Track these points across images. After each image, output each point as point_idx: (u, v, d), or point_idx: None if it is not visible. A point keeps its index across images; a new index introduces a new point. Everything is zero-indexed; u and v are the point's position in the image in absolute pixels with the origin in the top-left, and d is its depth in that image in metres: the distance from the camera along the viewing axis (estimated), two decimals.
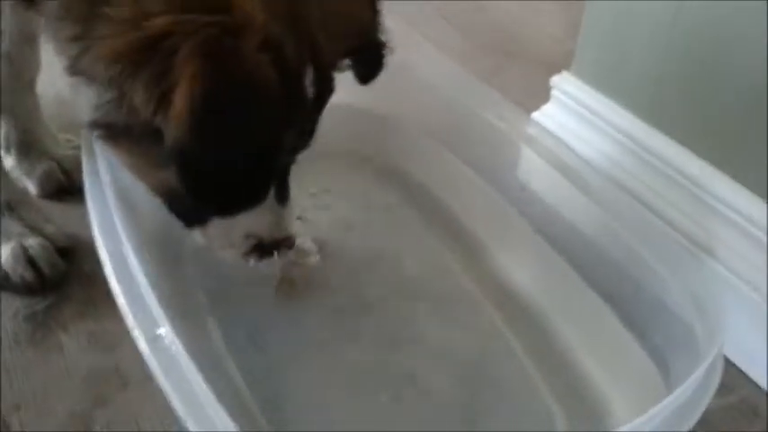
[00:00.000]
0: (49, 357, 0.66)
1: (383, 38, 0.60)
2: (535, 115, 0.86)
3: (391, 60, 0.83)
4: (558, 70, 1.16)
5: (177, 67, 0.44)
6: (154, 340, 0.44)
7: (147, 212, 0.69)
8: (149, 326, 0.45)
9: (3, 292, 0.71)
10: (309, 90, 0.51)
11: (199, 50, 0.44)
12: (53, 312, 0.70)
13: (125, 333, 0.66)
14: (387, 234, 0.76)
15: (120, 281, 0.49)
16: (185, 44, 0.44)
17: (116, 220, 0.54)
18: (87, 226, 0.79)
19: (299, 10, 0.50)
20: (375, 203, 0.80)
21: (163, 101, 0.45)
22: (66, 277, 0.74)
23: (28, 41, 0.76)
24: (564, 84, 0.83)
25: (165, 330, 0.45)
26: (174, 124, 0.44)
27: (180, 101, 0.44)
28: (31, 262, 0.72)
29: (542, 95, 1.08)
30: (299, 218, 0.74)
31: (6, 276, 0.71)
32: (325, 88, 0.54)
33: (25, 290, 0.72)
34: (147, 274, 0.49)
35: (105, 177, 0.59)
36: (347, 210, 0.79)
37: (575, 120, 0.81)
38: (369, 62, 0.61)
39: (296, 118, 0.51)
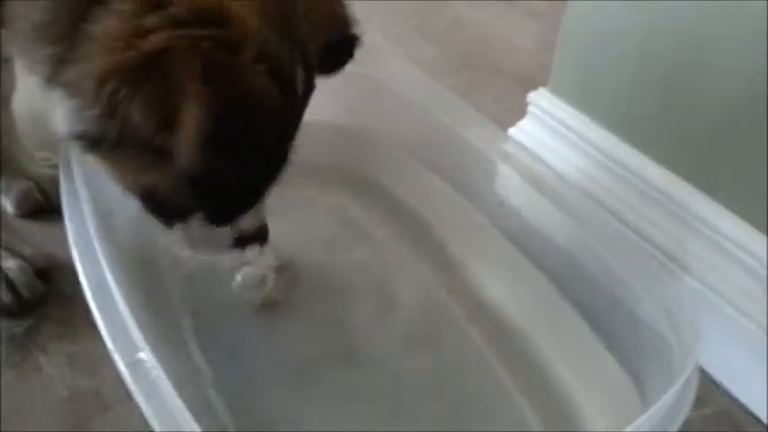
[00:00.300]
0: (28, 379, 0.66)
1: (354, 30, 0.60)
2: (512, 131, 0.87)
3: (368, 75, 0.85)
4: (532, 84, 1.18)
5: (180, 86, 0.44)
6: (134, 365, 0.45)
7: (125, 232, 0.69)
8: (130, 350, 0.46)
9: None
10: (299, 91, 0.52)
11: (201, 68, 0.44)
12: (32, 334, 0.70)
13: (105, 355, 0.66)
14: (364, 251, 0.76)
15: (99, 306, 0.49)
16: (185, 61, 0.44)
17: (95, 242, 0.54)
18: (65, 246, 0.79)
19: (287, 8, 0.50)
20: (353, 219, 0.81)
21: (168, 121, 0.45)
22: (44, 298, 0.73)
23: (2, 61, 0.76)
24: (540, 100, 0.84)
25: (145, 354, 0.45)
26: (185, 145, 0.44)
27: (190, 122, 0.44)
28: (9, 284, 0.71)
29: (517, 110, 1.09)
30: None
31: None
32: (310, 88, 0.54)
33: (4, 312, 0.71)
34: (127, 298, 0.49)
35: (84, 196, 0.59)
36: (325, 226, 0.79)
37: (551, 135, 0.82)
38: (340, 54, 0.61)
39: (295, 124, 0.52)
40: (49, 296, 0.74)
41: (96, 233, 0.55)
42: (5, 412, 0.63)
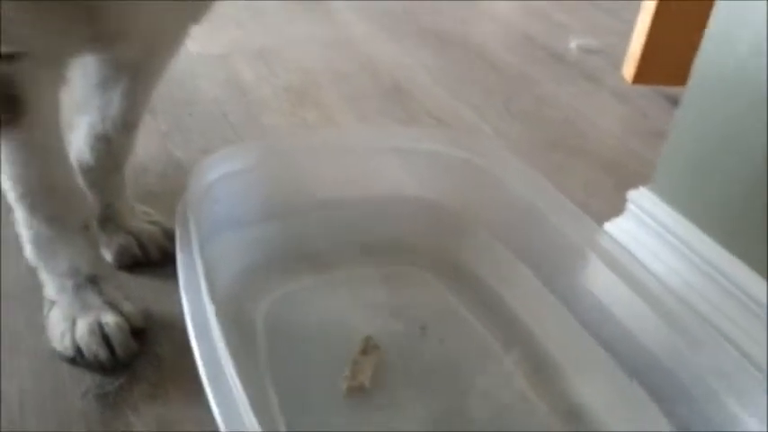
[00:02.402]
0: None
1: None
2: (608, 227, 0.86)
3: (466, 159, 0.86)
4: (620, 170, 1.18)
5: None
6: None
7: (223, 293, 0.70)
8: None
9: (72, 370, 0.72)
10: None
11: None
12: (124, 393, 0.71)
13: (196, 421, 0.67)
14: (458, 341, 0.76)
15: (214, 389, 0.49)
16: None
17: (211, 319, 0.54)
18: (160, 303, 0.81)
19: None
20: (447, 306, 0.80)
21: None
22: (136, 357, 0.74)
23: (128, 127, 0.79)
24: (642, 200, 0.83)
25: None
26: None
27: None
28: (105, 340, 0.73)
29: (602, 195, 1.09)
30: (421, 328, 0.75)
31: (80, 352, 0.72)
32: None
33: (97, 368, 0.72)
34: (239, 379, 0.49)
35: (200, 269, 0.60)
36: (419, 311, 0.79)
37: (651, 237, 0.81)
38: None
39: None
40: (141, 355, 0.75)
41: (210, 309, 0.55)
42: None
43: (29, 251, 0.75)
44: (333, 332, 0.77)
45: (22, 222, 0.74)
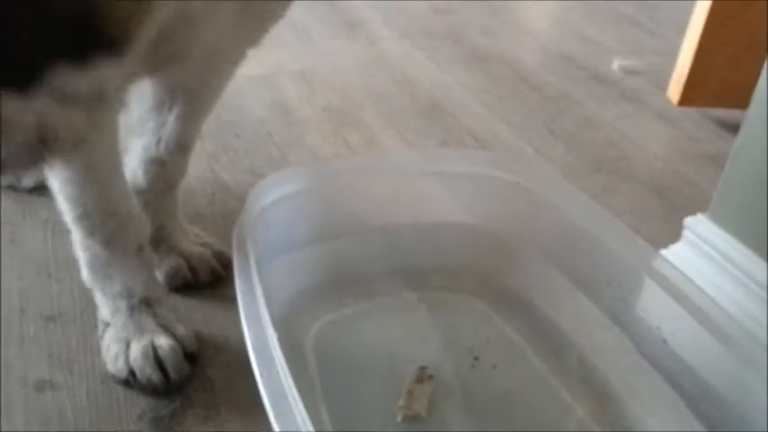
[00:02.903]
0: None
1: None
2: (664, 254, 0.84)
3: (509, 178, 0.85)
4: (668, 194, 1.16)
5: None
6: None
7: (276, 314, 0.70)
8: None
9: (127, 392, 0.73)
10: None
11: None
12: (178, 417, 0.71)
13: None
14: (511, 369, 0.75)
15: (279, 419, 0.49)
16: None
17: (273, 348, 0.54)
18: (209, 326, 0.81)
19: None
20: (498, 334, 0.79)
21: None
22: (188, 381, 0.74)
23: (182, 150, 0.80)
24: (699, 227, 0.82)
25: None
26: None
27: None
28: (159, 363, 0.73)
29: (652, 220, 1.07)
30: (474, 357, 0.74)
31: (133, 374, 0.73)
32: None
33: (150, 391, 0.73)
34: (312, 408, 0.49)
35: (260, 295, 0.60)
36: (470, 339, 0.78)
37: (708, 265, 0.79)
38: None
39: None
40: (193, 378, 0.75)
41: (273, 337, 0.55)
42: None
43: (84, 272, 0.75)
44: (384, 360, 0.76)
45: (79, 244, 0.74)
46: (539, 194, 0.83)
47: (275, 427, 0.49)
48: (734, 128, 1.36)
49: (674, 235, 0.91)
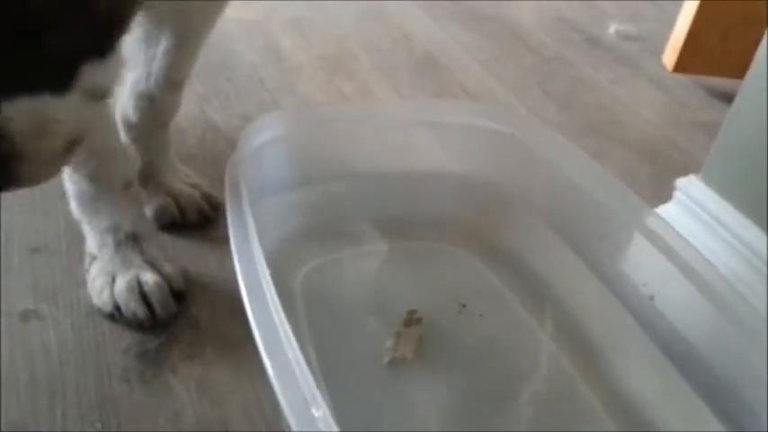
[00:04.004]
0: (158, 400, 0.66)
1: None
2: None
3: (503, 129, 0.84)
4: (659, 159, 1.17)
5: None
6: (310, 422, 0.44)
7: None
8: (304, 407, 0.45)
9: (112, 326, 0.72)
10: None
11: None
12: (163, 352, 0.70)
13: (235, 384, 0.67)
14: (498, 319, 0.75)
15: (273, 360, 0.49)
16: None
17: (266, 289, 0.54)
18: (196, 266, 0.81)
19: None
20: (486, 284, 0.79)
21: None
22: (174, 318, 0.74)
23: (172, 85, 0.78)
24: (690, 188, 0.82)
25: (320, 413, 0.44)
26: None
27: None
28: (144, 298, 0.72)
29: (641, 182, 1.08)
30: (461, 304, 0.74)
31: (118, 308, 0.72)
32: None
33: (136, 325, 0.72)
34: (300, 350, 0.49)
35: (252, 229, 0.59)
36: (457, 285, 0.78)
37: (698, 227, 0.80)
38: None
39: None
40: (179, 315, 0.75)
41: (263, 276, 0.55)
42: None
43: (72, 205, 0.74)
44: (371, 304, 0.76)
45: (67, 177, 0.73)
46: (532, 147, 0.82)
47: (266, 361, 0.49)
48: (725, 97, 1.36)
49: (663, 199, 0.92)
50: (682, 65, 1.36)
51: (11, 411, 0.62)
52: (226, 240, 0.60)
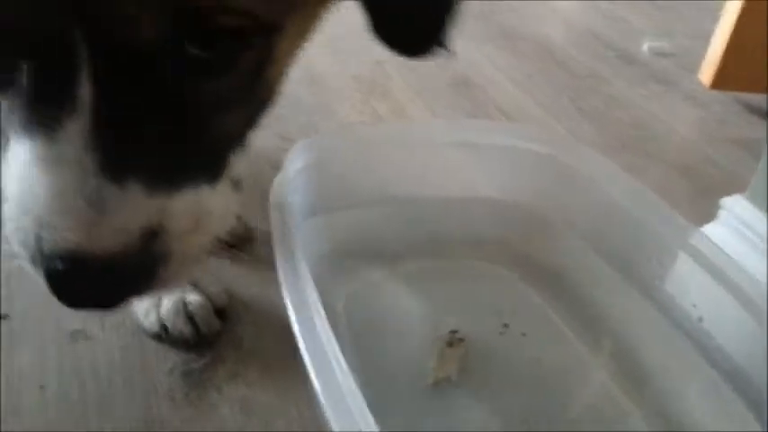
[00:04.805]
0: (203, 419, 0.66)
1: None
2: None
3: (543, 150, 0.84)
4: (696, 177, 1.16)
5: None
6: None
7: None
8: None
9: (158, 346, 0.73)
10: None
11: None
12: (208, 373, 0.71)
13: (279, 404, 0.68)
14: (541, 339, 0.75)
15: (322, 382, 0.49)
16: None
17: (312, 308, 0.54)
18: (238, 285, 0.82)
19: None
20: (527, 303, 0.79)
21: None
22: (218, 337, 0.75)
23: None
24: (736, 207, 0.81)
25: None
26: None
27: None
28: (190, 319, 0.73)
29: (680, 201, 1.07)
30: (504, 324, 0.74)
31: (165, 329, 0.73)
32: None
33: (182, 344, 0.73)
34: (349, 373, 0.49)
35: (299, 252, 0.60)
36: (499, 307, 0.78)
37: (744, 245, 0.79)
38: None
39: None
40: (223, 334, 0.75)
41: (314, 297, 0.55)
42: None
43: None
44: (413, 324, 0.76)
45: None
46: (573, 168, 0.82)
47: (316, 384, 0.49)
48: (763, 113, 1.35)
49: (700, 216, 0.91)
50: (720, 81, 1.35)
51: (62, 429, 0.63)
52: (265, 260, 0.61)
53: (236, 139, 0.43)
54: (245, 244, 0.87)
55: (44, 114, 0.35)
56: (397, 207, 0.86)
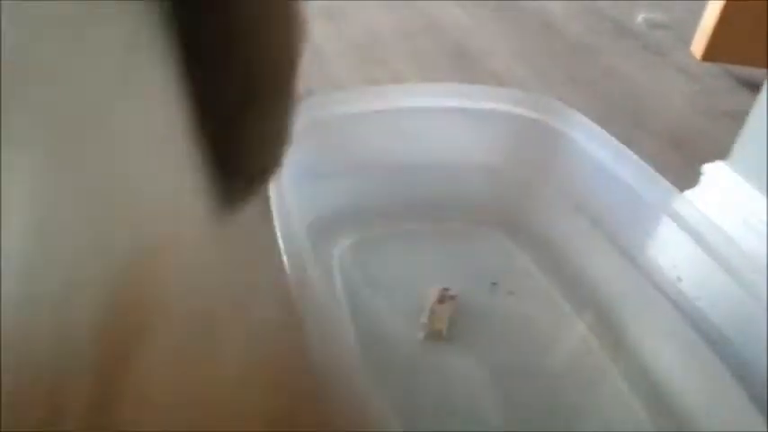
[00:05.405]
0: None
1: None
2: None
3: (531, 115, 0.86)
4: (686, 148, 1.18)
5: None
6: None
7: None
8: None
9: None
10: None
11: None
12: None
13: None
14: (528, 298, 0.77)
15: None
16: None
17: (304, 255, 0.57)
18: None
19: None
20: (516, 264, 0.82)
21: None
22: None
23: None
24: (717, 173, 0.84)
25: None
26: None
27: None
28: None
29: (670, 170, 1.09)
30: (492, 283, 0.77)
31: None
32: None
33: None
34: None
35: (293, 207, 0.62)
36: (489, 267, 0.81)
37: (724, 212, 0.81)
38: None
39: None
40: None
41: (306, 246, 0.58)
42: None
43: None
44: (406, 281, 0.79)
45: None
46: (562, 132, 0.84)
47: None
48: (754, 86, 1.37)
49: (691, 186, 0.93)
50: (711, 53, 1.37)
51: None
52: None
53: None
54: None
55: None
56: (387, 172, 0.88)
